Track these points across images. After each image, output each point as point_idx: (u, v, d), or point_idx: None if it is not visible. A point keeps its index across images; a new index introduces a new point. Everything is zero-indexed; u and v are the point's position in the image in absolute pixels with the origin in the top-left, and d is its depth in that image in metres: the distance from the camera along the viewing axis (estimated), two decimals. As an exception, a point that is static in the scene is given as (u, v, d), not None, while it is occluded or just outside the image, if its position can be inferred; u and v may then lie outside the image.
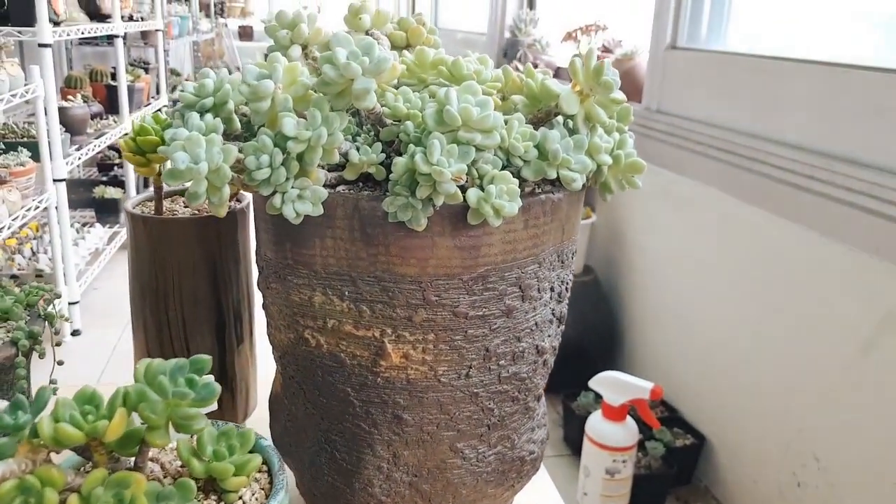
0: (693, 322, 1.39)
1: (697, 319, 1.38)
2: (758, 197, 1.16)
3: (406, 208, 0.46)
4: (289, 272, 0.52)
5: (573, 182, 0.48)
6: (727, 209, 1.24)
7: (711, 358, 1.34)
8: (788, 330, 1.16)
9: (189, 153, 0.45)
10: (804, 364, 1.14)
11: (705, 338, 1.36)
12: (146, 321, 0.69)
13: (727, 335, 1.30)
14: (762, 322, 1.22)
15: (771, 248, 1.17)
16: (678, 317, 1.43)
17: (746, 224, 1.21)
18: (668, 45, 1.42)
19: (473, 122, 0.44)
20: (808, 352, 1.13)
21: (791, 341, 1.15)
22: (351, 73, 0.43)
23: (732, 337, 1.29)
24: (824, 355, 1.09)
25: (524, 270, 0.52)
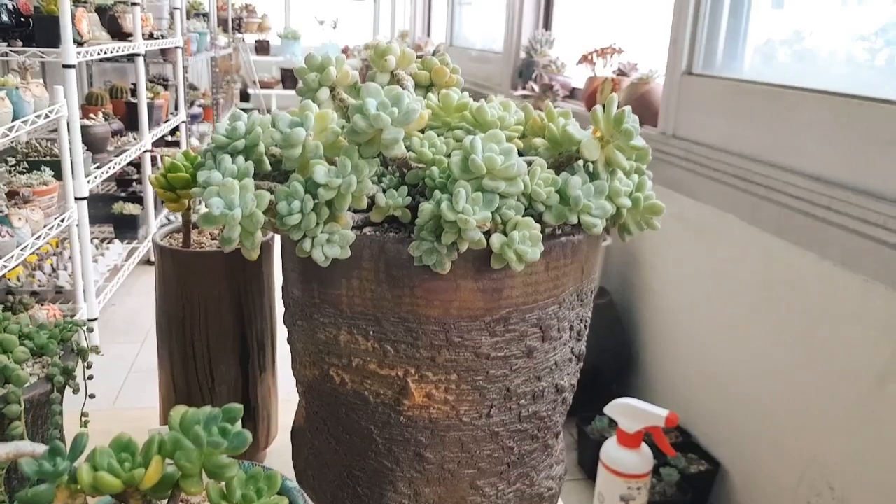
0: (708, 346, 1.39)
1: (712, 344, 1.38)
2: (774, 225, 1.17)
3: (431, 253, 0.47)
4: (315, 311, 0.53)
5: (594, 227, 0.49)
6: (743, 236, 1.24)
7: (726, 383, 1.34)
8: (803, 358, 1.16)
9: (224, 199, 0.46)
10: (819, 392, 1.14)
11: (720, 362, 1.36)
12: (172, 352, 0.71)
13: (742, 360, 1.30)
14: (777, 349, 1.22)
15: (787, 276, 1.17)
16: (693, 340, 1.44)
17: (762, 251, 1.21)
18: (683, 71, 1.44)
19: (498, 170, 0.46)
20: (822, 380, 1.13)
21: (806, 369, 1.15)
22: (380, 124, 0.45)
23: (747, 363, 1.30)
24: (839, 385, 1.09)
25: (545, 311, 0.53)
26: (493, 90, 2.64)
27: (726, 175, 1.26)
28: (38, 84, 1.58)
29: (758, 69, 1.38)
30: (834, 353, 1.10)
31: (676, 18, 1.44)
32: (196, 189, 0.51)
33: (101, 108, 2.55)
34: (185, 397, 0.71)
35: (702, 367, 1.40)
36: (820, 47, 1.32)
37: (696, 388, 1.42)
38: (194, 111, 4.44)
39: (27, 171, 1.71)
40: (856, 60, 1.24)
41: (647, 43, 1.92)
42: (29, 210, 1.57)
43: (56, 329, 0.55)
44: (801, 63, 1.32)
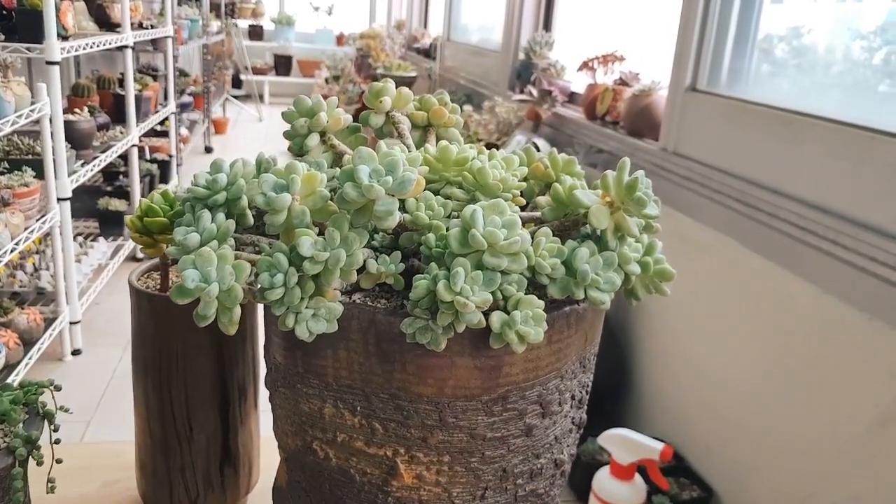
0: (704, 370, 1.37)
1: (709, 368, 1.35)
2: (776, 254, 1.14)
3: (425, 331, 0.44)
4: (298, 380, 0.50)
5: (602, 304, 0.46)
6: (744, 261, 1.21)
7: (722, 408, 1.31)
8: (803, 391, 1.13)
9: (199, 270, 0.42)
10: (818, 428, 1.11)
11: (716, 387, 1.33)
12: (148, 398, 0.67)
13: (739, 387, 1.28)
14: (776, 379, 1.19)
15: (788, 306, 1.14)
16: (689, 363, 1.41)
17: (763, 279, 1.18)
18: (687, 87, 1.39)
19: (500, 246, 0.42)
20: (822, 416, 1.10)
21: (806, 403, 1.13)
22: (373, 195, 0.41)
23: (745, 389, 1.27)
24: (839, 422, 1.07)
25: (546, 387, 0.49)
26: (490, 90, 2.59)
27: (728, 198, 1.23)
28: (20, 82, 1.52)
29: (765, 91, 1.34)
30: (835, 390, 1.07)
31: (682, 33, 1.39)
32: (172, 249, 0.48)
33: (87, 99, 2.49)
34: (162, 445, 0.68)
35: (697, 390, 1.37)
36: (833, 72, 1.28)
37: (691, 412, 1.40)
38: (184, 100, 4.37)
39: (7, 171, 1.65)
40: (872, 89, 1.20)
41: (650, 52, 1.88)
42: (8, 213, 1.51)
43: (20, 392, 0.51)
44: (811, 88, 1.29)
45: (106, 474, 0.79)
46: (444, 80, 3.40)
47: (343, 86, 4.90)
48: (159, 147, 3.36)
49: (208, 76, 5.02)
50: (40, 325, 1.72)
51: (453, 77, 3.25)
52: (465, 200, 0.49)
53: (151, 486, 0.69)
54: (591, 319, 0.51)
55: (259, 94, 6.91)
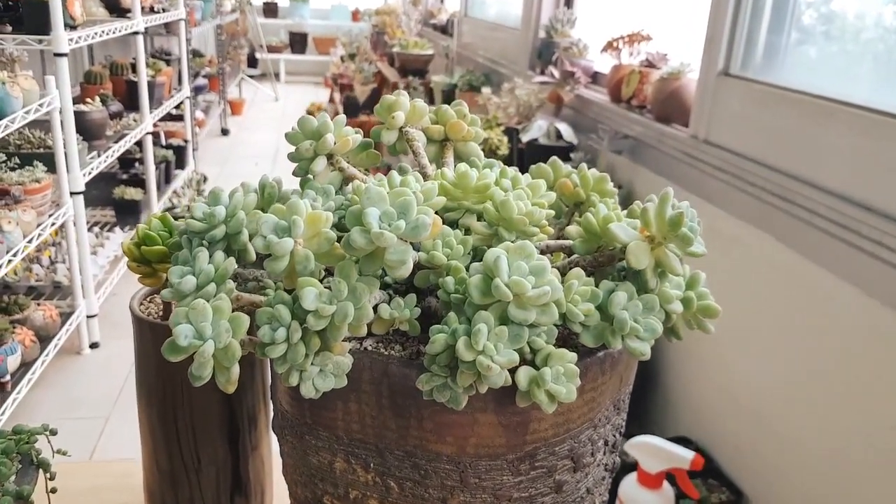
0: (735, 369, 1.31)
1: (739, 367, 1.30)
2: (815, 252, 1.07)
3: (444, 389, 0.39)
4: (307, 431, 0.46)
5: (642, 355, 0.41)
6: (779, 258, 1.15)
7: (753, 408, 1.26)
8: (840, 395, 1.08)
9: (193, 324, 0.38)
10: (853, 430, 1.06)
11: (747, 386, 1.28)
12: (153, 428, 0.64)
13: (772, 387, 1.22)
14: (812, 381, 1.14)
15: (826, 307, 1.08)
16: (718, 361, 1.35)
17: (800, 277, 1.12)
18: (720, 71, 1.32)
19: (527, 297, 0.37)
20: (858, 418, 1.05)
21: (843, 408, 1.07)
22: (384, 242, 0.36)
23: (777, 390, 1.21)
24: (875, 424, 1.01)
25: (577, 440, 0.45)
26: (510, 69, 2.51)
27: (763, 191, 1.16)
28: (28, 76, 1.48)
29: (804, 77, 1.26)
30: (875, 397, 1.02)
31: (714, 13, 1.31)
32: (166, 293, 0.43)
33: (100, 86, 2.45)
34: (170, 479, 0.65)
35: (727, 389, 1.32)
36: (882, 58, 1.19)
37: (720, 410, 1.34)
38: (199, 82, 4.32)
39: (19, 166, 1.63)
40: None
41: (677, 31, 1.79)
42: (20, 211, 1.49)
43: (11, 441, 0.47)
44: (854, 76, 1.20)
45: (115, 497, 0.76)
46: (462, 57, 3.32)
47: (359, 65, 4.83)
48: (175, 132, 3.32)
49: (223, 56, 4.97)
50: (56, 321, 1.71)
51: (471, 55, 3.16)
52: (487, 236, 0.44)
53: (160, 517, 0.66)
54: (626, 361, 0.47)
55: (275, 73, 6.85)
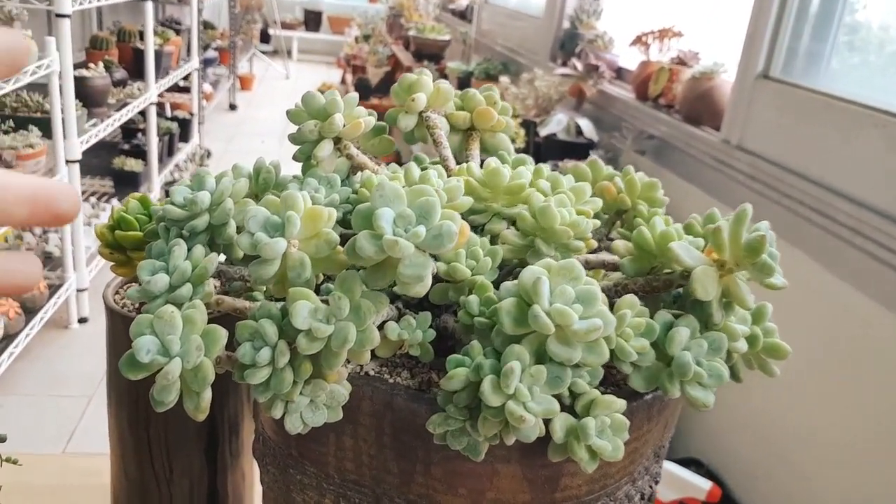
0: (753, 390, 1.24)
1: (759, 388, 1.23)
2: (854, 275, 0.99)
3: (460, 435, 0.32)
4: (291, 464, 0.39)
5: (704, 406, 0.34)
6: (813, 279, 1.07)
7: (770, 434, 1.19)
8: (875, 433, 1.00)
9: (158, 336, 0.31)
10: (881, 466, 0.99)
11: (766, 411, 1.20)
12: (123, 434, 0.57)
13: (794, 413, 1.15)
14: (841, 413, 1.06)
15: (864, 336, 1.00)
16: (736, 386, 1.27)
17: (835, 300, 1.04)
18: (759, 74, 1.23)
19: (573, 331, 0.30)
20: (886, 454, 0.98)
21: (876, 447, 1.00)
22: (398, 253, 0.29)
23: (800, 417, 1.14)
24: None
25: (614, 496, 0.37)
26: (529, 59, 2.42)
27: (800, 205, 1.08)
28: (27, 36, 1.40)
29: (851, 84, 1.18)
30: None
31: (756, 12, 1.23)
32: (133, 292, 0.36)
33: (106, 52, 2.37)
34: (139, 489, 0.58)
35: (744, 413, 1.25)
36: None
37: (735, 436, 1.27)
38: (209, 55, 4.23)
39: (13, 129, 1.54)
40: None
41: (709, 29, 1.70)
42: (10, 176, 1.41)
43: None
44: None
45: (81, 498, 0.70)
46: (480, 45, 3.22)
47: (373, 47, 4.73)
48: (181, 104, 3.24)
49: (235, 30, 4.87)
50: (44, 293, 1.64)
51: (489, 43, 3.07)
52: (520, 247, 0.36)
53: (126, 530, 0.60)
54: (675, 405, 0.39)
55: (287, 51, 6.74)
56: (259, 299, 0.40)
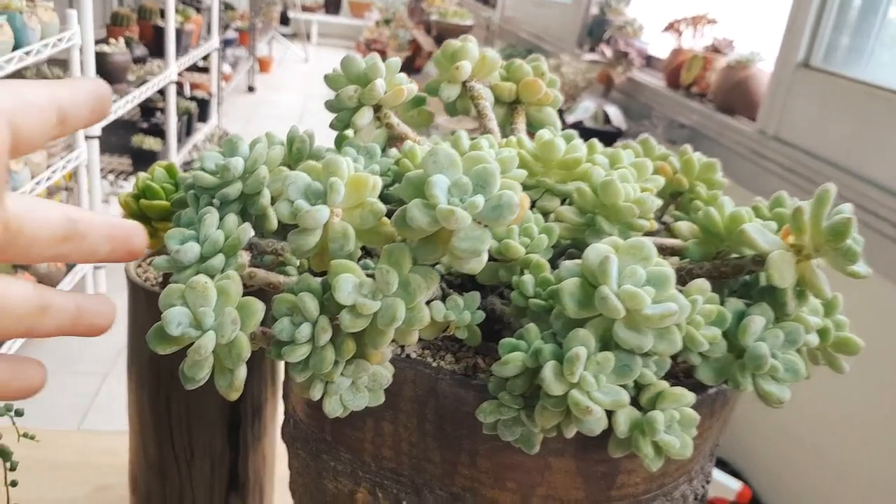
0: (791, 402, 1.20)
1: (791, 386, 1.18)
2: (895, 270, 0.96)
3: (513, 426, 0.29)
4: (325, 450, 0.36)
5: (779, 402, 0.31)
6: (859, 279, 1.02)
7: (800, 434, 1.15)
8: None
9: (190, 308, 0.28)
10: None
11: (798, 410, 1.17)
12: (143, 411, 0.55)
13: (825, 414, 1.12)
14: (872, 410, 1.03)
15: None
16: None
17: (874, 297, 1.00)
18: (799, 62, 1.19)
19: (644, 316, 0.27)
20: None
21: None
22: (453, 224, 0.26)
23: (831, 417, 1.11)
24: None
25: (670, 497, 0.35)
26: (555, 46, 2.38)
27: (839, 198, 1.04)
28: (48, 8, 1.39)
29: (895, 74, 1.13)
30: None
31: (798, 0, 1.19)
32: (161, 262, 0.34)
33: (126, 29, 2.35)
34: (158, 469, 0.56)
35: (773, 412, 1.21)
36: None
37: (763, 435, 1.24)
38: (229, 35, 4.21)
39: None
40: None
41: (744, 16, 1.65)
42: (30, 150, 1.40)
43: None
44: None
45: (98, 477, 0.68)
46: (504, 31, 3.18)
47: (394, 31, 4.69)
48: (200, 84, 3.22)
49: (256, 11, 4.84)
50: (61, 269, 1.63)
51: (513, 29, 3.02)
52: (577, 226, 0.34)
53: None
54: (735, 400, 0.37)
55: (307, 34, 6.71)
56: (292, 275, 0.38)
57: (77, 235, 0.23)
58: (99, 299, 0.26)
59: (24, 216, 0.22)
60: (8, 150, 0.21)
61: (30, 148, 0.22)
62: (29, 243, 0.22)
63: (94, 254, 0.24)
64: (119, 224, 0.25)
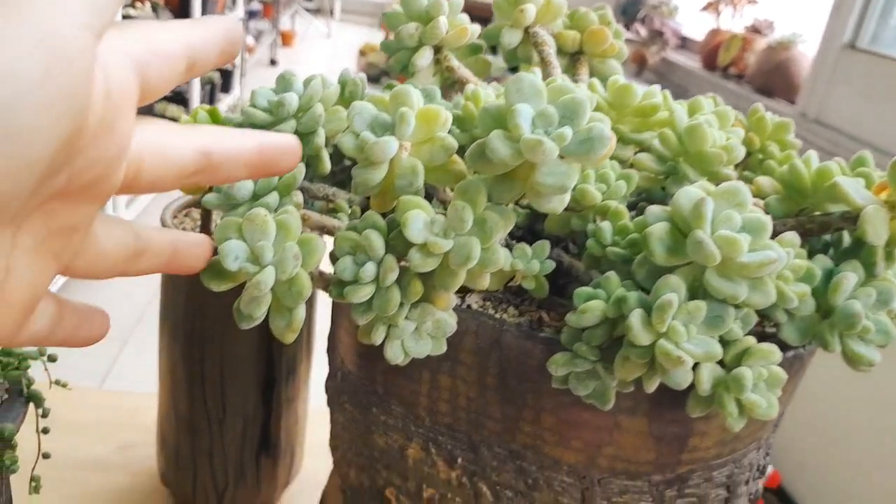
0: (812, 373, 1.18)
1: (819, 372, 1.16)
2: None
3: (588, 379, 0.28)
4: (375, 402, 0.35)
5: (869, 364, 0.29)
6: None
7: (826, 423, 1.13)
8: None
9: (247, 242, 0.27)
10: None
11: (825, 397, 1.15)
12: (175, 368, 0.54)
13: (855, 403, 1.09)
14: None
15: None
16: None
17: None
18: (845, 44, 1.15)
19: (739, 264, 0.25)
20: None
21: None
22: (538, 156, 0.24)
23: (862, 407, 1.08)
24: None
25: (739, 464, 0.33)
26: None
27: (885, 183, 1.01)
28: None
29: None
30: None
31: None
32: (211, 198, 0.32)
33: (153, -6, 2.33)
34: (188, 426, 0.55)
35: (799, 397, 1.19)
36: None
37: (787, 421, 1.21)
38: (253, 6, 4.18)
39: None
40: None
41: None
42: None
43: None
44: None
45: (123, 435, 0.67)
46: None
47: None
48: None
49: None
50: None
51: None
52: (658, 174, 0.32)
53: (172, 467, 0.57)
54: (806, 366, 0.35)
55: (330, 9, 6.66)
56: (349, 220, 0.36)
57: (210, 168, 0.22)
58: (196, 239, 0.25)
59: (148, 157, 0.20)
60: (135, 102, 0.19)
61: (154, 96, 0.20)
62: (152, 184, 0.21)
63: (230, 180, 0.23)
64: (269, 142, 0.23)
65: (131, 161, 0.20)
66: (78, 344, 0.23)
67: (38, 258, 0.19)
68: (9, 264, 0.18)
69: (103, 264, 0.22)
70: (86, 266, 0.21)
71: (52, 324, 0.22)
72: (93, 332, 0.23)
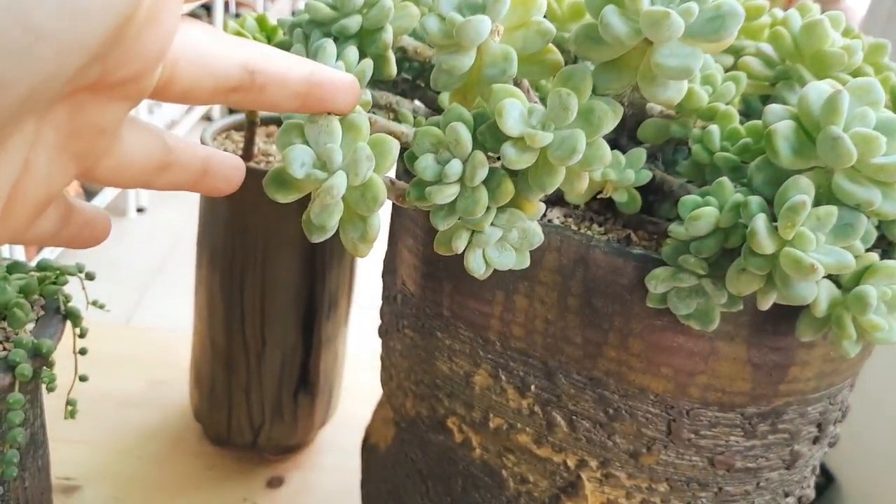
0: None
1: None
2: None
3: (693, 296, 0.25)
4: (440, 327, 0.32)
5: None
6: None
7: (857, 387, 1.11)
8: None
9: (314, 147, 0.24)
10: None
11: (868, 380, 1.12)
12: (213, 299, 0.52)
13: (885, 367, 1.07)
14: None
15: None
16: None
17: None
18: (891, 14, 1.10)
19: (877, 166, 0.22)
20: None
21: None
22: (662, 34, 0.21)
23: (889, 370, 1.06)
24: None
25: (834, 399, 0.31)
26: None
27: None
28: None
29: None
30: None
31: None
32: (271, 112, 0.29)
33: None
34: (224, 359, 0.53)
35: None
36: None
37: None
38: None
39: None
40: None
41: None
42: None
43: (34, 279, 0.35)
44: None
45: (152, 372, 0.66)
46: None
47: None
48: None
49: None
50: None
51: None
52: (767, 79, 0.29)
53: (207, 403, 0.55)
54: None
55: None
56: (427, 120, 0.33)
57: (253, 87, 0.20)
58: (232, 161, 0.24)
59: (185, 62, 0.19)
60: None
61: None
62: (186, 92, 0.20)
63: (275, 107, 0.22)
64: (323, 73, 0.22)
65: (166, 63, 0.19)
66: (80, 245, 0.23)
67: (60, 157, 0.18)
68: (29, 158, 0.17)
69: (127, 173, 0.21)
70: (108, 173, 0.20)
71: (60, 224, 0.21)
72: (95, 233, 0.23)
